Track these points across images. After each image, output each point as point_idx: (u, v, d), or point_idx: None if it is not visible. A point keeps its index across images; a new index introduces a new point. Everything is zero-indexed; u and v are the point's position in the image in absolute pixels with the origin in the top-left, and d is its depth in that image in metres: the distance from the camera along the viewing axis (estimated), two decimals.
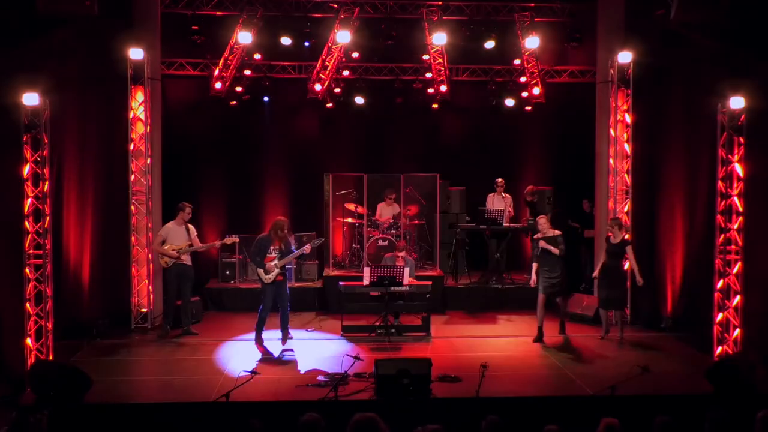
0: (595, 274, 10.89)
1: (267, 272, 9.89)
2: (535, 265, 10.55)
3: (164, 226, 10.87)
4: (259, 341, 10.08)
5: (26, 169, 8.67)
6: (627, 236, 10.67)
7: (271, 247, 9.97)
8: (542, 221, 10.54)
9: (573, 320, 11.67)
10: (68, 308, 10.05)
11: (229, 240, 11.15)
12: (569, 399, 8.16)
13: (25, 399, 8.00)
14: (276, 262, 9.92)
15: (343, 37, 12.10)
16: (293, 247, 10.53)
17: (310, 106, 14.36)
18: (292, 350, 10.01)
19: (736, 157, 9.40)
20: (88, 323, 10.56)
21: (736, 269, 9.44)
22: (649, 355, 9.65)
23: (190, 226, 10.81)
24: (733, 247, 9.46)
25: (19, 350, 8.57)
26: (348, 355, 8.78)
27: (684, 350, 10.18)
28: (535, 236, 10.66)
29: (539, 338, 10.42)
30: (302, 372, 9.12)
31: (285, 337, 10.17)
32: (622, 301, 10.89)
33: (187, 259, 10.71)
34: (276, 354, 9.88)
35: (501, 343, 10.48)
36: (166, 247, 10.58)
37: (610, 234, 10.59)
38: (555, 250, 10.29)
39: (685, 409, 7.23)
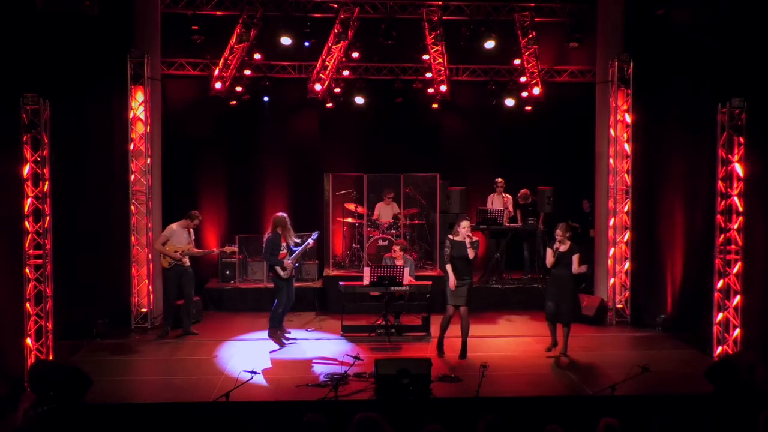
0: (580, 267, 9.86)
1: (284, 269, 10.41)
2: (449, 266, 9.59)
3: (168, 226, 10.86)
4: (274, 334, 10.56)
5: (26, 169, 8.66)
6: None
7: (282, 244, 10.48)
8: (465, 224, 9.58)
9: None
10: (68, 308, 10.03)
11: (228, 249, 11.25)
12: (569, 399, 8.17)
13: (25, 399, 8.01)
14: (290, 259, 10.48)
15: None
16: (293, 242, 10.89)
17: (310, 106, 14.39)
18: (295, 339, 10.63)
19: (736, 157, 9.40)
20: (88, 323, 10.57)
21: (736, 269, 9.43)
22: (649, 355, 9.65)
23: (191, 230, 10.83)
24: (733, 247, 9.46)
25: (19, 350, 8.56)
26: (348, 355, 8.78)
27: (684, 350, 10.17)
28: (454, 238, 9.61)
29: (440, 348, 9.81)
30: (302, 372, 9.11)
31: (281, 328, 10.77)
32: (571, 314, 9.72)
33: (186, 261, 10.72)
34: (287, 343, 10.48)
35: (501, 343, 10.48)
36: (167, 248, 10.59)
37: (558, 245, 9.55)
38: (471, 253, 9.49)
39: (685, 409, 7.26)
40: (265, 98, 14.28)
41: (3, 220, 8.65)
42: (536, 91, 13.77)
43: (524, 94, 14.24)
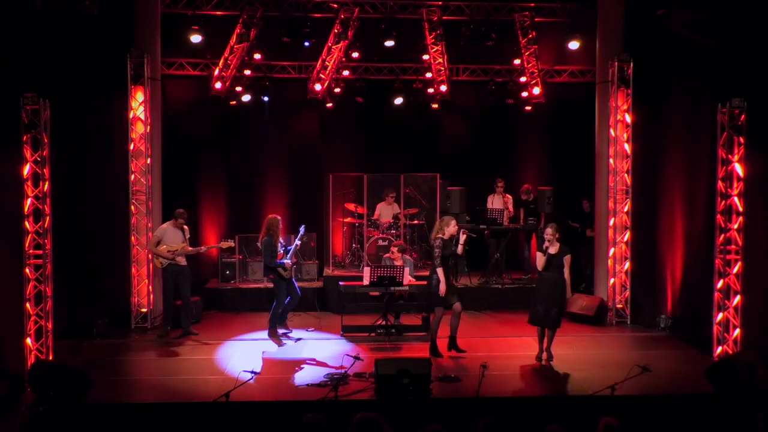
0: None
1: (285, 269, 10.53)
2: (441, 270, 9.40)
3: (160, 226, 10.89)
4: (274, 335, 10.58)
5: (26, 169, 8.66)
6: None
7: (279, 245, 10.60)
8: (454, 222, 9.55)
9: (573, 320, 11.65)
10: (68, 308, 10.04)
11: (224, 244, 11.24)
12: (569, 399, 8.18)
13: (25, 399, 8.01)
14: (288, 258, 10.61)
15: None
16: (286, 240, 11.12)
17: (310, 106, 14.39)
18: (293, 338, 10.71)
19: (736, 157, 9.39)
20: (88, 323, 10.57)
21: (736, 269, 9.43)
22: (649, 355, 9.64)
23: (185, 228, 10.83)
24: (733, 247, 9.45)
25: (19, 350, 8.56)
26: (348, 355, 8.78)
27: (684, 350, 10.18)
28: (439, 236, 9.46)
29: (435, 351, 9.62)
30: (302, 372, 9.12)
31: (284, 325, 10.91)
32: (558, 319, 9.43)
33: (182, 260, 10.71)
34: (287, 343, 10.55)
35: (501, 343, 10.48)
36: (161, 248, 10.59)
37: (547, 244, 9.24)
38: (461, 249, 9.55)
39: (685, 409, 7.26)
40: (265, 98, 14.27)
41: (3, 220, 8.65)
42: (536, 91, 13.77)
43: (524, 94, 14.24)
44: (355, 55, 13.84)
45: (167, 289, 10.78)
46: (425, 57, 13.85)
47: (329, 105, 14.43)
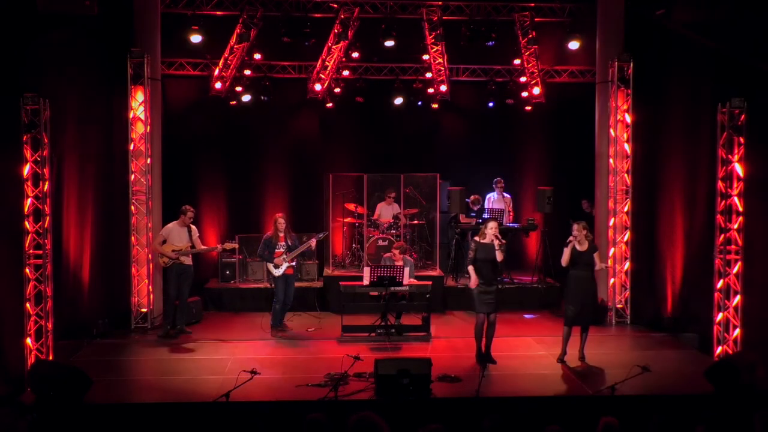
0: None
1: (276, 266, 10.67)
2: (471, 267, 9.31)
3: (166, 226, 10.89)
4: (274, 332, 10.80)
5: (26, 169, 8.66)
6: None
7: (279, 243, 10.70)
8: (492, 224, 9.28)
9: None
10: (68, 308, 10.04)
11: (228, 245, 11.29)
12: (569, 399, 8.19)
13: (25, 399, 8.01)
14: (284, 256, 10.67)
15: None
16: (297, 241, 11.01)
17: (310, 106, 14.38)
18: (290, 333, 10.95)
19: (736, 157, 9.39)
20: (88, 323, 10.57)
21: (736, 269, 9.43)
22: (649, 355, 9.65)
23: (193, 228, 10.88)
24: (733, 247, 9.45)
25: (19, 350, 8.56)
26: (348, 355, 8.78)
27: (684, 350, 10.18)
28: (476, 238, 9.38)
29: (481, 359, 9.43)
30: (302, 372, 9.11)
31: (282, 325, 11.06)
32: (591, 318, 9.45)
33: (187, 260, 10.74)
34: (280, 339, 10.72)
35: (501, 343, 10.45)
36: (165, 247, 10.60)
37: (571, 239, 9.18)
38: (500, 256, 9.15)
39: (685, 409, 7.27)
40: (265, 98, 14.27)
41: (3, 220, 8.65)
42: (536, 91, 13.77)
43: (524, 94, 14.24)
44: (355, 55, 13.84)
45: (169, 288, 10.80)
46: (425, 57, 13.84)
47: (329, 105, 14.42)
